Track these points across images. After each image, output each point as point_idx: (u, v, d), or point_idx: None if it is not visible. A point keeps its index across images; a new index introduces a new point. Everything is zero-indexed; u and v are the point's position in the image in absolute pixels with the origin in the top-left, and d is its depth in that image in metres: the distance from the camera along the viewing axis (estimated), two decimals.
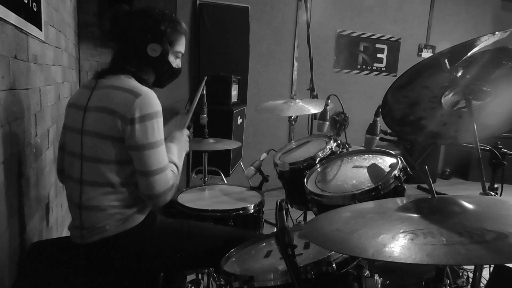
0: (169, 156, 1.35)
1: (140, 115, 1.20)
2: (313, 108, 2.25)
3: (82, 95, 1.31)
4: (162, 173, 1.25)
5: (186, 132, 1.58)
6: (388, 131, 1.69)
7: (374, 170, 1.54)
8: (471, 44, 1.15)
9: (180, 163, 1.42)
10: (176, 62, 1.42)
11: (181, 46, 1.42)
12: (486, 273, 1.57)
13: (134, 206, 1.30)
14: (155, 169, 1.23)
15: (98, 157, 1.24)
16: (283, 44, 4.69)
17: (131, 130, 1.20)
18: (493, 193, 1.31)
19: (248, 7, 4.38)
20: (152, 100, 1.24)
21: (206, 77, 2.06)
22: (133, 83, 1.28)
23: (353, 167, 1.63)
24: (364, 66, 5.15)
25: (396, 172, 1.41)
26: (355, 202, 1.36)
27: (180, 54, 1.43)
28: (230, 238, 1.42)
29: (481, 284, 1.50)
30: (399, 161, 1.47)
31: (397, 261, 0.66)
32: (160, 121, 1.26)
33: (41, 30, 1.67)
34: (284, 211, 0.93)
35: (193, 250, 1.40)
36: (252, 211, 1.74)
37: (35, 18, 1.56)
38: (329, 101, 2.08)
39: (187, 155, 3.90)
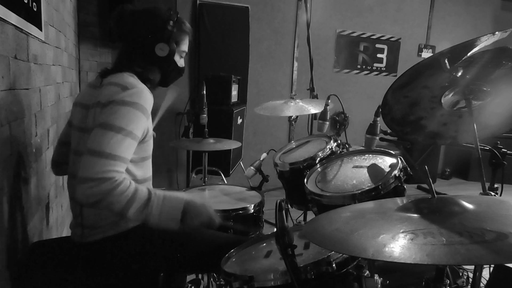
0: (161, 192, 1.15)
1: (116, 99, 1.15)
2: (313, 108, 2.24)
3: (86, 94, 1.33)
4: (106, 159, 1.05)
5: (210, 211, 1.27)
6: (388, 131, 1.69)
7: (374, 170, 1.54)
8: (471, 44, 1.15)
9: (160, 217, 1.13)
10: (180, 62, 1.44)
11: (186, 45, 1.43)
12: (486, 273, 1.57)
13: None
14: (104, 151, 1.05)
15: None
16: (283, 44, 4.69)
17: (101, 110, 1.16)
18: (493, 193, 1.31)
19: (248, 7, 4.38)
20: (140, 94, 1.19)
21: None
22: (130, 79, 1.27)
23: (353, 167, 1.63)
24: (364, 66, 5.15)
25: (396, 172, 1.41)
26: (355, 202, 1.36)
27: (184, 54, 1.45)
28: (230, 243, 1.41)
29: (481, 284, 1.50)
30: (399, 161, 1.47)
31: (397, 261, 0.66)
32: (138, 115, 1.15)
33: (41, 30, 1.67)
34: (284, 211, 0.93)
35: (193, 253, 1.40)
36: (252, 211, 1.73)
37: (35, 18, 1.56)
38: (329, 101, 2.08)
39: (187, 155, 3.92)
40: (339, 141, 1.88)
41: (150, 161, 1.37)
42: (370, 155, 1.68)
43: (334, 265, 1.02)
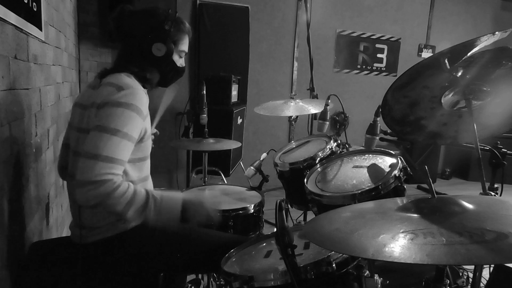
0: (159, 193, 1.18)
1: (111, 101, 1.16)
2: (313, 108, 2.25)
3: (85, 94, 1.33)
4: (103, 162, 1.07)
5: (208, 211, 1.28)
6: (388, 131, 1.69)
7: (374, 170, 1.54)
8: (471, 44, 1.15)
9: (162, 213, 1.16)
10: (180, 61, 1.43)
11: (185, 45, 1.42)
12: (486, 273, 1.57)
13: None
14: (101, 154, 1.07)
15: None
16: (283, 44, 4.69)
17: (96, 111, 1.17)
18: (493, 193, 1.31)
19: (248, 7, 4.38)
20: (134, 95, 1.19)
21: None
22: (127, 80, 1.27)
23: (353, 167, 1.63)
24: (364, 66, 5.15)
25: (396, 172, 1.41)
26: (355, 202, 1.36)
27: (184, 53, 1.44)
28: (230, 243, 1.41)
29: (481, 284, 1.50)
30: (399, 161, 1.47)
31: (397, 261, 0.66)
32: (133, 116, 1.16)
33: (41, 30, 1.67)
34: (284, 211, 0.93)
35: (193, 253, 1.39)
36: (252, 211, 1.73)
37: (35, 18, 1.56)
38: (329, 101, 2.08)
39: (187, 155, 3.92)
40: (339, 141, 1.88)
41: (148, 161, 1.36)
42: (370, 155, 1.68)
43: (334, 265, 1.02)
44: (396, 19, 5.18)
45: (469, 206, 0.87)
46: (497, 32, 1.13)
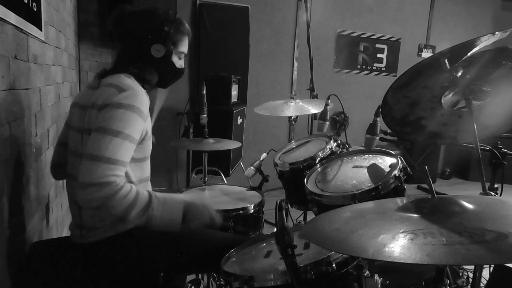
0: (161, 194, 1.18)
1: (112, 102, 1.16)
2: (313, 108, 2.25)
3: (84, 95, 1.33)
4: (106, 164, 1.07)
5: (211, 211, 1.29)
6: (388, 131, 1.69)
7: (374, 170, 1.54)
8: (471, 44, 1.15)
9: (162, 218, 1.15)
10: (179, 63, 1.43)
11: (184, 46, 1.42)
12: (486, 273, 1.57)
13: None
14: (103, 156, 1.07)
15: None
16: (283, 44, 4.69)
17: (97, 113, 1.17)
18: (493, 193, 1.31)
19: (248, 7, 4.38)
20: (136, 96, 1.20)
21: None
22: (127, 81, 1.27)
23: (353, 167, 1.63)
24: (364, 66, 5.15)
25: (396, 172, 1.41)
26: (355, 202, 1.36)
27: (183, 55, 1.43)
28: (231, 243, 1.41)
29: (481, 284, 1.50)
30: (399, 161, 1.47)
31: (397, 261, 0.66)
32: (135, 117, 1.16)
33: (41, 30, 1.67)
34: (284, 211, 0.93)
35: (193, 253, 1.40)
36: (252, 211, 1.73)
37: (35, 18, 1.56)
38: (329, 101, 2.08)
39: (187, 155, 3.91)
40: (339, 141, 1.88)
41: (148, 162, 1.36)
42: (370, 155, 1.68)
43: (334, 265, 1.02)
44: (396, 19, 5.18)
45: (469, 206, 0.87)
46: (497, 32, 1.13)
